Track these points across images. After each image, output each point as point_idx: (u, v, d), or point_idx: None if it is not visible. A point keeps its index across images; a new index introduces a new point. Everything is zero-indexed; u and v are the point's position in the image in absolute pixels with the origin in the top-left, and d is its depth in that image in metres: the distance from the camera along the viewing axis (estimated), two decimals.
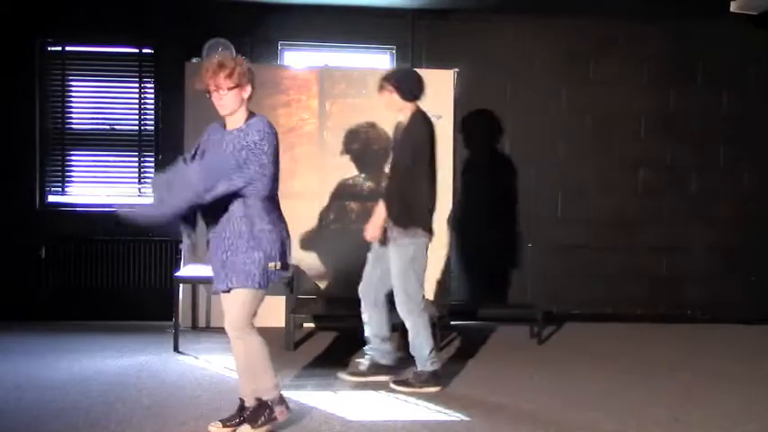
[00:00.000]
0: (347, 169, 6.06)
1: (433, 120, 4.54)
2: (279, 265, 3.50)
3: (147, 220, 3.48)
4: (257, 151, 3.38)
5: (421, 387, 4.40)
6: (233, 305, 3.51)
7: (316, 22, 6.28)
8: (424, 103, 4.51)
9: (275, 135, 3.50)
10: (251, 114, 3.55)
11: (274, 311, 5.74)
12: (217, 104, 3.49)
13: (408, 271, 4.36)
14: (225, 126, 3.56)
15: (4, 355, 5.07)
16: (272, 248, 3.48)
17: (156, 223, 3.48)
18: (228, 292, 3.50)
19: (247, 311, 3.50)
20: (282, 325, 5.38)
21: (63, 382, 4.46)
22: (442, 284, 6.04)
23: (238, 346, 3.55)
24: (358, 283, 4.63)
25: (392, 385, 4.44)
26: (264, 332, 5.36)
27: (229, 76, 3.43)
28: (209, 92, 3.48)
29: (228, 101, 3.46)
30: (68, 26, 6.22)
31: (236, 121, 3.52)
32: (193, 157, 3.57)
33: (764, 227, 6.68)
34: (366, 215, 5.27)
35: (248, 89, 3.51)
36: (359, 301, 4.61)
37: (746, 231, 6.65)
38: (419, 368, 4.46)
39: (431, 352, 4.45)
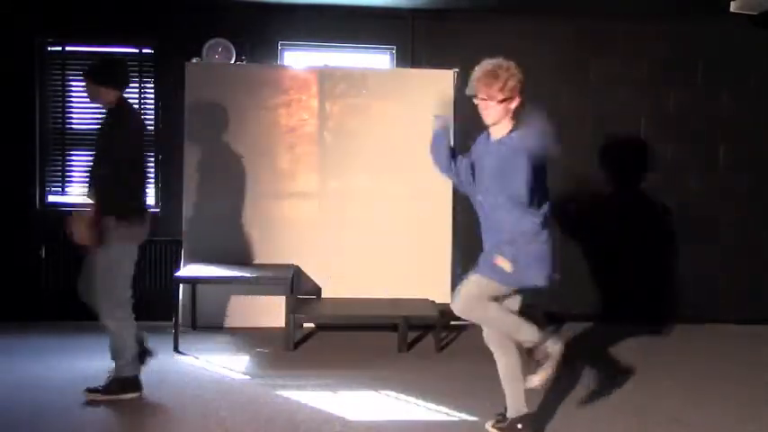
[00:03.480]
0: (347, 169, 6.07)
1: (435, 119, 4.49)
2: (508, 265, 3.53)
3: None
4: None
5: (120, 394, 4.14)
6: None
7: (316, 22, 6.28)
8: (425, 104, 4.50)
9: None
10: (515, 125, 3.49)
11: (274, 311, 5.76)
12: (482, 112, 3.47)
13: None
14: (489, 134, 3.56)
15: (4, 355, 5.08)
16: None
17: None
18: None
19: (474, 291, 3.64)
20: (282, 325, 5.38)
21: (63, 382, 4.47)
22: (445, 285, 6.03)
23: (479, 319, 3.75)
24: (359, 283, 4.61)
25: (89, 395, 4.14)
26: (264, 332, 5.39)
27: (501, 89, 3.41)
28: (476, 97, 3.45)
29: (495, 111, 3.44)
30: (68, 26, 6.22)
31: (499, 130, 3.50)
32: (471, 165, 3.66)
33: (764, 227, 6.68)
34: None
35: (517, 101, 3.45)
36: (359, 300, 4.60)
37: (746, 231, 6.66)
38: (116, 374, 4.18)
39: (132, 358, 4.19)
